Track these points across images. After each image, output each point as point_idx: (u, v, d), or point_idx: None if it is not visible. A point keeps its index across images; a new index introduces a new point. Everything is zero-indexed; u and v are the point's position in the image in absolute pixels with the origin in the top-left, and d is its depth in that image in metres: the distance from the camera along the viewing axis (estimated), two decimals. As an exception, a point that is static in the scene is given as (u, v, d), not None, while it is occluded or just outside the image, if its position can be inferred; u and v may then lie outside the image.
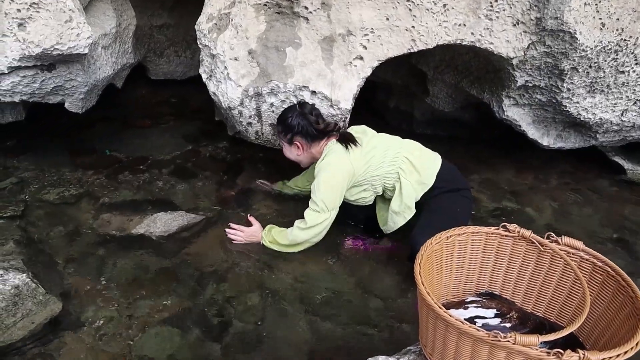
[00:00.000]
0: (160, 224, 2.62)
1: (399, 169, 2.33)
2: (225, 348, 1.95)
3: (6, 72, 2.66)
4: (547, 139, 3.26)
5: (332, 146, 2.37)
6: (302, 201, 2.78)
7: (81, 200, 2.82)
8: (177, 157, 3.35)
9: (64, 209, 2.74)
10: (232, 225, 2.59)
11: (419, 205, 2.39)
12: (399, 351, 1.54)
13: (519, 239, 1.48)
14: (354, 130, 2.50)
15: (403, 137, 2.48)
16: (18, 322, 1.95)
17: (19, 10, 2.48)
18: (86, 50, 2.69)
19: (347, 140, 2.36)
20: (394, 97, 4.02)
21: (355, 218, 2.69)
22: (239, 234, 2.54)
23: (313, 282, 2.32)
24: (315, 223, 2.34)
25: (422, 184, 2.35)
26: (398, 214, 2.38)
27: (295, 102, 2.57)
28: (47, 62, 2.74)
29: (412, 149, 2.42)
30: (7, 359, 1.84)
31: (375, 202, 2.56)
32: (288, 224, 2.48)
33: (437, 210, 2.33)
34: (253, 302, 2.18)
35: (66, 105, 3.08)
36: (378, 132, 2.51)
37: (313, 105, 2.54)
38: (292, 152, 2.51)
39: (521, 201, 3.12)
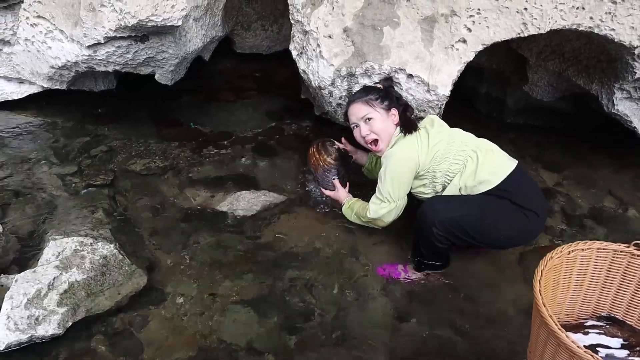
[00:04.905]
0: (244, 202, 2.59)
1: (462, 167, 2.06)
2: (301, 340, 1.89)
3: (102, 41, 2.69)
4: (660, 138, 2.95)
5: (400, 134, 2.17)
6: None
7: (166, 172, 2.83)
8: (260, 134, 3.30)
9: (150, 180, 2.76)
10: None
11: None
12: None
13: (654, 260, 1.30)
14: (423, 121, 2.26)
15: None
16: (105, 291, 1.98)
17: (118, -20, 2.49)
18: (179, 22, 2.67)
19: (410, 127, 2.15)
20: (486, 82, 3.77)
21: None
22: (330, 192, 2.53)
23: (397, 275, 2.23)
24: (379, 215, 2.21)
25: (471, 190, 2.06)
26: None
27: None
28: (141, 33, 2.75)
29: (482, 147, 2.11)
30: (94, 330, 1.88)
31: None
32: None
33: (474, 199, 2.02)
34: (333, 291, 2.12)
35: (156, 76, 3.10)
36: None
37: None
38: (388, 122, 2.20)
39: (622, 204, 2.83)
